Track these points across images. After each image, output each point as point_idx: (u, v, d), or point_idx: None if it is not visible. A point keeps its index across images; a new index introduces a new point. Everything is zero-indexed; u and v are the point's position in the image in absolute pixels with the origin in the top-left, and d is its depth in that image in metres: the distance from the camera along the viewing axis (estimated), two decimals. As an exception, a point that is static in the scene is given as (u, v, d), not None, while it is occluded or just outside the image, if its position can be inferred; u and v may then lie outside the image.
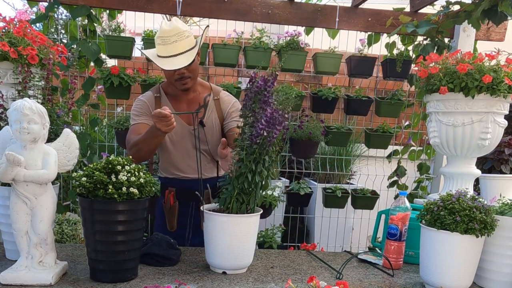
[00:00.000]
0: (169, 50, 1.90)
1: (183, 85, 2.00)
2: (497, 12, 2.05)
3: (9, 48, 1.82)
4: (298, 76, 3.95)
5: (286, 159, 3.78)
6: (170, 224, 2.08)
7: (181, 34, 1.90)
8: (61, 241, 2.92)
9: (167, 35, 1.89)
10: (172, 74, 1.97)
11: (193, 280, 1.57)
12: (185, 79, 1.98)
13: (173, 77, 1.97)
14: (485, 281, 1.67)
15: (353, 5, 2.94)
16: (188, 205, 2.10)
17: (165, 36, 1.89)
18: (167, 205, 2.05)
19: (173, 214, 2.06)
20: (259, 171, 1.59)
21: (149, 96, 2.09)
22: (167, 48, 1.90)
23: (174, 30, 1.89)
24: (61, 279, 1.51)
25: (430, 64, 1.93)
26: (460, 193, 1.59)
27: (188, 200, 2.07)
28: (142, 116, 2.04)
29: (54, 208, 1.50)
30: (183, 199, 2.07)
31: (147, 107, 2.05)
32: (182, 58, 1.91)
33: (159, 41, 1.91)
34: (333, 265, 1.82)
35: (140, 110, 2.05)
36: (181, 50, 1.91)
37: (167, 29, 1.89)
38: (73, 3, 2.67)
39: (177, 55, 1.91)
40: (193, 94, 2.09)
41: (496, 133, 1.94)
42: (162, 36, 1.90)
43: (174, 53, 1.90)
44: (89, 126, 2.90)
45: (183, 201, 2.08)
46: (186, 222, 2.11)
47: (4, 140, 1.52)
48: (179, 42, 1.90)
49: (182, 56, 1.92)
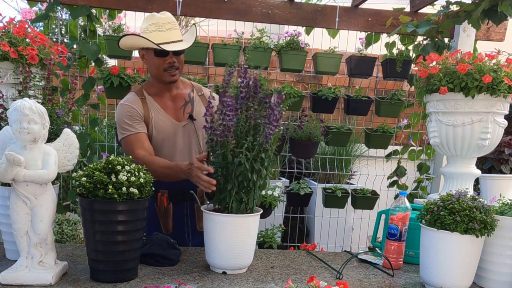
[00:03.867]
0: (163, 36, 1.90)
1: (171, 76, 1.98)
2: (497, 12, 2.05)
3: (9, 48, 1.82)
4: (298, 76, 3.95)
5: (286, 159, 3.78)
6: (165, 227, 2.02)
7: (174, 24, 1.94)
8: (61, 241, 2.93)
9: (162, 22, 1.91)
10: (162, 63, 1.95)
11: (193, 280, 1.57)
12: (174, 70, 1.97)
13: (162, 66, 1.95)
14: (485, 281, 1.67)
15: (353, 5, 2.94)
16: (182, 206, 2.07)
17: (160, 23, 1.91)
18: (161, 208, 2.00)
19: (168, 216, 2.01)
20: (257, 170, 1.60)
21: (135, 100, 2.01)
22: (161, 34, 1.90)
23: (168, 18, 1.93)
24: (61, 279, 1.51)
25: (430, 64, 1.93)
26: (460, 193, 1.59)
27: (181, 201, 2.05)
28: (136, 124, 1.97)
29: (54, 208, 1.50)
30: (177, 200, 2.03)
31: (137, 113, 1.98)
32: (180, 44, 1.94)
33: (153, 28, 1.91)
34: (333, 265, 1.82)
35: (132, 117, 1.97)
36: (176, 38, 1.94)
37: (161, 16, 1.92)
38: (73, 3, 2.68)
39: (173, 42, 1.92)
40: (176, 91, 2.08)
41: (496, 133, 1.94)
42: (156, 23, 1.91)
43: (170, 40, 1.91)
44: (89, 126, 2.90)
45: (176, 202, 2.03)
46: (182, 222, 2.08)
47: (4, 140, 1.52)
48: (174, 31, 1.93)
49: (178, 43, 1.94)
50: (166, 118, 2.02)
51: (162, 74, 1.98)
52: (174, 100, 2.07)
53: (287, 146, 3.21)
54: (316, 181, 3.94)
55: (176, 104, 2.07)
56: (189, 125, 2.04)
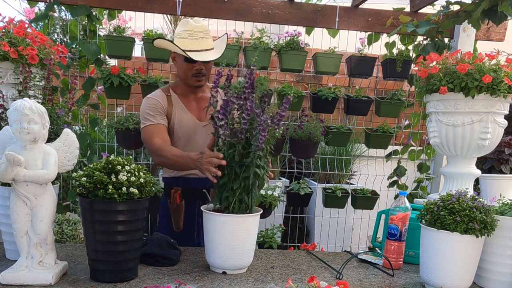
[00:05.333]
0: (196, 45, 1.99)
1: (198, 82, 2.08)
2: (497, 12, 2.06)
3: (9, 48, 1.82)
4: (298, 76, 3.95)
5: (286, 159, 3.78)
6: (176, 224, 2.08)
7: (207, 33, 2.03)
8: (61, 241, 2.93)
9: (196, 30, 1.99)
10: (190, 69, 2.05)
11: (193, 280, 1.57)
12: (201, 76, 2.06)
13: (190, 71, 2.05)
14: (485, 281, 1.67)
15: (353, 5, 2.94)
16: (194, 204, 2.10)
17: (193, 31, 1.99)
18: (173, 205, 2.05)
19: (180, 213, 2.07)
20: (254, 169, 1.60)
21: (161, 95, 2.11)
22: (194, 42, 1.99)
23: (202, 28, 2.02)
24: (61, 279, 1.51)
25: (430, 64, 1.93)
26: (460, 193, 1.59)
27: (193, 199, 2.08)
28: (159, 116, 2.06)
29: (54, 208, 1.50)
30: (189, 198, 2.08)
31: (161, 106, 2.07)
32: (210, 53, 2.03)
33: (185, 35, 1.99)
34: (333, 265, 1.82)
35: (156, 109, 2.06)
36: (209, 47, 2.03)
37: (195, 25, 1.99)
38: (73, 3, 2.68)
39: (203, 50, 2.00)
40: (202, 94, 2.17)
41: (496, 133, 1.94)
42: (189, 30, 1.99)
43: (203, 48, 2.00)
44: (89, 126, 2.90)
45: (188, 201, 2.08)
46: (193, 221, 2.13)
47: (4, 140, 1.52)
48: (206, 39, 2.02)
49: (209, 52, 2.03)
50: (189, 116, 2.10)
51: (189, 79, 2.08)
52: (199, 101, 2.16)
53: (287, 146, 3.21)
54: (316, 181, 3.94)
55: (200, 105, 2.15)
56: (209, 126, 2.05)
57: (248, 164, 1.58)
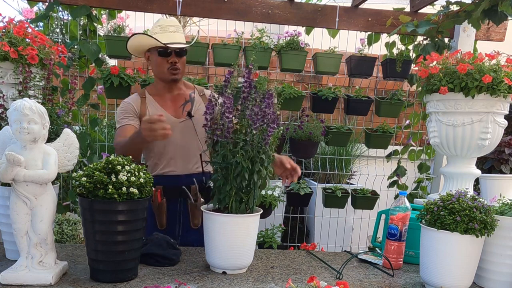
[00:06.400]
0: (167, 38, 2.02)
1: (173, 75, 2.08)
2: (497, 12, 2.06)
3: (9, 48, 1.82)
4: (298, 76, 3.95)
5: (286, 159, 3.77)
6: (159, 222, 2.08)
7: (178, 27, 2.08)
8: (61, 241, 2.93)
9: (166, 24, 2.05)
10: (165, 63, 2.06)
11: (193, 280, 1.57)
12: (176, 69, 2.08)
13: (166, 65, 2.07)
14: (485, 281, 1.67)
15: (353, 5, 2.94)
16: (176, 202, 2.11)
17: (164, 25, 2.04)
18: (155, 203, 2.06)
19: (162, 211, 2.07)
20: (257, 170, 1.60)
21: (135, 98, 2.14)
22: (165, 35, 2.02)
23: (173, 22, 2.09)
24: (61, 279, 1.51)
25: (430, 64, 1.93)
26: (460, 193, 1.59)
27: (175, 197, 2.09)
28: (127, 118, 2.07)
29: (54, 208, 1.50)
30: (170, 196, 2.08)
31: (132, 108, 2.09)
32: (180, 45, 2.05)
33: (158, 30, 2.04)
34: (333, 265, 1.82)
35: (125, 111, 2.09)
36: (179, 40, 2.06)
37: (166, 19, 2.04)
38: (73, 3, 2.68)
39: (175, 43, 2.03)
40: (178, 92, 2.17)
41: (496, 133, 1.94)
42: (161, 25, 2.05)
43: (173, 41, 2.03)
44: (89, 126, 2.90)
45: (170, 198, 2.08)
46: (175, 219, 2.13)
47: (4, 140, 1.52)
48: (177, 33, 2.06)
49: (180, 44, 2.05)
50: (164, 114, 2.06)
51: (165, 73, 2.09)
52: (174, 100, 2.16)
53: (287, 146, 3.21)
54: (316, 181, 3.94)
55: (176, 103, 2.15)
56: (187, 122, 2.10)
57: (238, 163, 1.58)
